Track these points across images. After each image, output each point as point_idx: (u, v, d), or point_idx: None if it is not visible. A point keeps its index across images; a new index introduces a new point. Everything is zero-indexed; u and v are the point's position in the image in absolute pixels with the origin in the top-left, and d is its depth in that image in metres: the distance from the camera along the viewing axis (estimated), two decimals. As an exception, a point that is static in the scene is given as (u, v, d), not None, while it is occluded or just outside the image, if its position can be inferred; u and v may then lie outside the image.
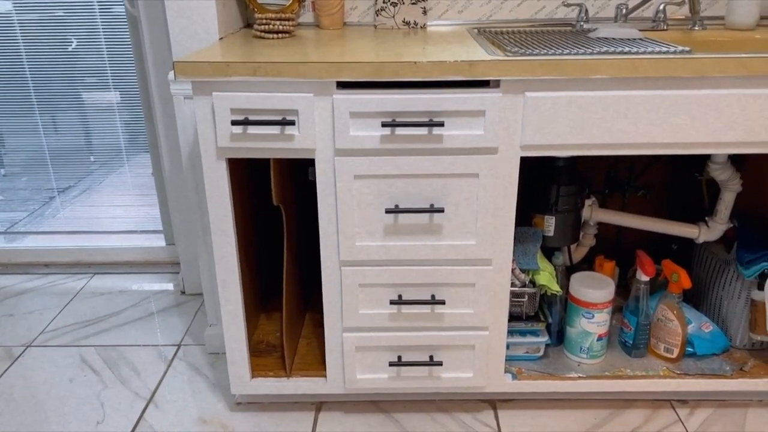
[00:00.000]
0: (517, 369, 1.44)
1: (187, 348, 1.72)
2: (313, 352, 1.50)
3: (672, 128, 1.16)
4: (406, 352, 1.36)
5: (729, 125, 1.16)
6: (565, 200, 1.44)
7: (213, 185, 1.22)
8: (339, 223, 1.24)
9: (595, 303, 1.41)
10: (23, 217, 2.36)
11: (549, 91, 1.14)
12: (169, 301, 1.98)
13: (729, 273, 1.50)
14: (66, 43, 2.02)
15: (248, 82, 1.14)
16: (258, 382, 1.41)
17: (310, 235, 1.57)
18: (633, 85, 1.14)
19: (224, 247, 1.28)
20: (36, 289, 2.07)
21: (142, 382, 1.58)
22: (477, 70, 1.11)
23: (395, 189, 1.21)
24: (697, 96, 1.14)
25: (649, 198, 1.76)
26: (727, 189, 1.48)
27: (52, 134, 2.19)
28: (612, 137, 1.17)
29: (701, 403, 1.47)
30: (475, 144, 1.17)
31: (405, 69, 1.11)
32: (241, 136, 1.17)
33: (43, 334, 1.81)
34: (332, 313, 1.33)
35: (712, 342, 1.48)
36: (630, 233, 1.76)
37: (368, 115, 1.15)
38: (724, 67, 1.11)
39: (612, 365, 1.46)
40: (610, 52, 1.15)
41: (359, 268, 1.28)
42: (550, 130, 1.16)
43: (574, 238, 1.51)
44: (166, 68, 1.77)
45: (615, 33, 1.35)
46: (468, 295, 1.30)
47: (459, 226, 1.24)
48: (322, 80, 1.13)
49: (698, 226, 1.54)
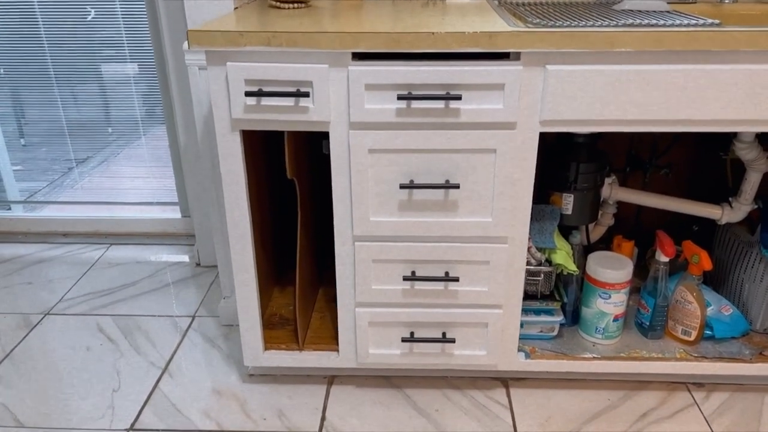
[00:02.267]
0: (530, 348, 1.42)
1: (202, 319, 1.74)
2: (326, 326, 1.50)
3: (699, 104, 1.12)
4: (418, 329, 1.35)
5: (759, 102, 1.11)
6: (584, 178, 1.41)
7: (227, 157, 1.21)
8: (353, 198, 1.22)
9: (613, 283, 1.39)
10: (42, 187, 2.38)
11: (571, 65, 1.10)
12: (184, 272, 2.00)
13: (752, 255, 1.47)
14: (84, 14, 2.01)
15: (262, 52, 1.12)
16: (271, 355, 1.41)
17: (324, 208, 1.56)
18: (659, 59, 1.09)
19: (238, 219, 1.27)
20: (54, 258, 2.10)
21: (158, 352, 1.60)
22: (497, 42, 1.08)
23: (410, 164, 1.19)
24: (726, 71, 1.09)
25: (671, 177, 1.72)
26: (753, 169, 1.43)
27: (70, 106, 2.19)
28: (635, 113, 1.13)
29: (718, 386, 1.45)
30: (493, 119, 1.14)
31: (422, 40, 1.08)
32: (255, 108, 1.15)
33: (61, 302, 1.83)
34: (345, 287, 1.32)
35: (731, 325, 1.45)
36: (650, 213, 1.72)
37: (384, 88, 1.12)
38: (755, 41, 1.06)
39: (627, 346, 1.44)
40: (635, 25, 1.11)
41: (373, 244, 1.27)
42: (571, 105, 1.13)
43: (592, 216, 1.48)
44: (181, 39, 1.76)
45: (641, 5, 1.31)
46: (482, 272, 1.28)
47: (475, 202, 1.22)
48: (337, 51, 1.10)
49: (721, 206, 1.50)
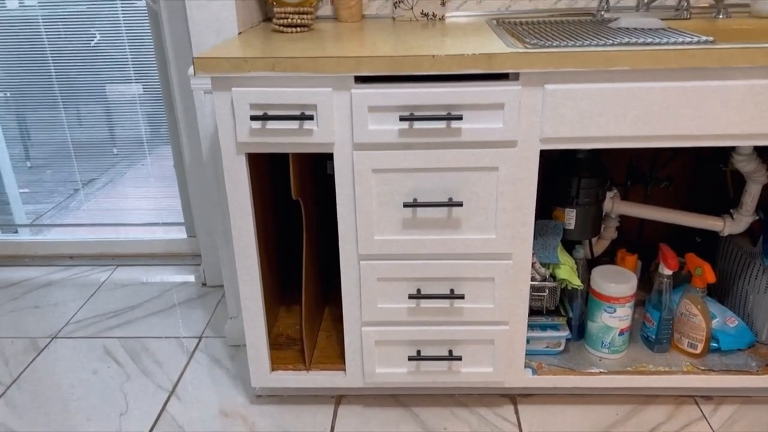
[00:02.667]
0: (537, 364, 1.43)
1: (208, 340, 1.75)
2: (332, 345, 1.50)
3: (696, 120, 1.14)
4: (425, 347, 1.36)
5: (754, 116, 1.13)
6: (586, 193, 1.42)
7: (233, 180, 1.23)
8: (357, 217, 1.24)
9: (617, 297, 1.40)
10: (48, 210, 2.40)
11: (569, 84, 1.12)
12: (191, 293, 2.01)
13: (755, 266, 1.47)
14: (89, 37, 2.05)
15: (267, 77, 1.14)
16: (278, 375, 1.42)
17: (330, 228, 1.57)
18: (655, 77, 1.11)
19: (244, 240, 1.29)
20: (61, 281, 2.11)
21: (165, 374, 1.61)
22: (496, 63, 1.10)
23: (414, 183, 1.21)
24: (721, 87, 1.11)
25: (673, 190, 1.73)
26: (752, 181, 1.45)
27: (76, 127, 2.22)
28: (633, 130, 1.15)
29: (726, 399, 1.45)
30: (494, 137, 1.16)
31: (423, 63, 1.10)
32: (260, 131, 1.17)
33: (68, 325, 1.84)
34: (351, 306, 1.33)
35: (737, 337, 1.45)
36: (653, 226, 1.73)
37: (386, 109, 1.14)
38: (749, 58, 1.08)
39: (634, 360, 1.44)
40: (631, 44, 1.13)
41: (378, 262, 1.28)
42: (570, 123, 1.15)
43: (595, 231, 1.49)
44: (186, 61, 1.79)
45: (637, 23, 1.33)
46: (487, 289, 1.29)
47: (478, 220, 1.23)
48: (341, 75, 1.12)
49: (723, 218, 1.51)
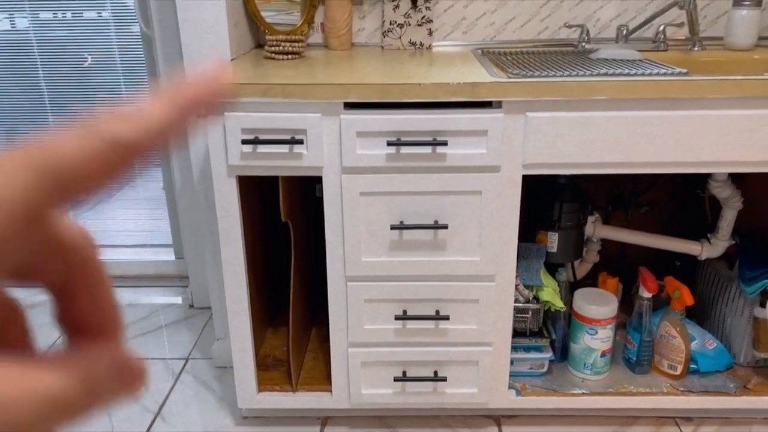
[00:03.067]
0: (521, 385, 1.45)
1: (195, 362, 1.75)
2: (319, 366, 1.52)
3: (671, 147, 1.18)
4: (410, 368, 1.38)
5: (726, 145, 1.18)
6: (567, 217, 1.46)
7: (223, 202, 1.26)
8: (345, 239, 1.27)
9: (599, 319, 1.43)
10: (36, 232, 2.40)
11: (550, 112, 1.17)
12: (178, 314, 2.01)
13: (732, 290, 1.51)
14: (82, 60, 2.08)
15: (259, 103, 1.18)
16: (264, 396, 1.43)
17: (318, 250, 1.60)
18: (632, 106, 1.16)
19: (233, 262, 1.31)
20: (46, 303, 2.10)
21: (150, 396, 1.60)
22: (479, 92, 1.14)
23: (400, 206, 1.24)
24: (694, 116, 1.16)
25: (653, 215, 1.78)
26: (728, 206, 1.50)
27: (65, 150, 2.24)
28: (611, 156, 1.19)
29: (705, 420, 1.48)
30: (478, 162, 1.19)
31: (410, 90, 1.14)
32: (251, 155, 1.20)
33: (53, 347, 1.84)
34: (338, 328, 1.35)
35: (715, 359, 1.48)
36: (634, 250, 1.77)
37: (374, 135, 1.18)
38: (720, 89, 1.13)
39: (616, 382, 1.47)
40: (609, 74, 1.18)
41: (365, 284, 1.30)
42: (551, 149, 1.19)
43: (577, 254, 1.53)
44: (178, 87, 1.82)
45: (615, 54, 1.38)
46: (472, 310, 1.32)
47: (463, 242, 1.26)
48: (330, 101, 1.16)
49: (701, 243, 1.55)
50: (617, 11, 1.63)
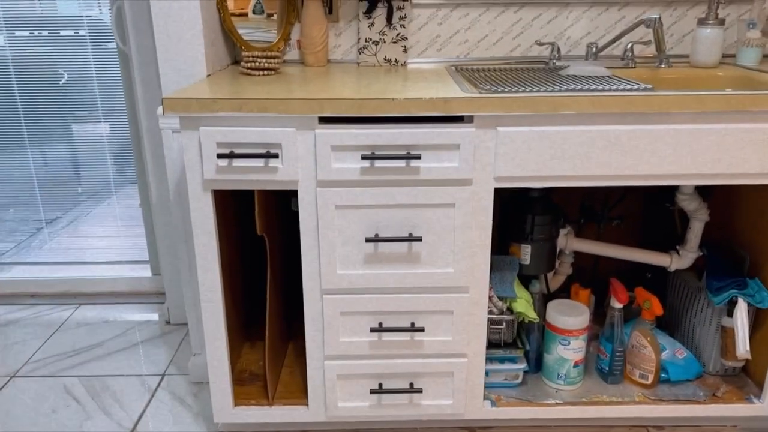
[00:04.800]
0: (496, 396, 1.46)
1: (171, 377, 1.73)
2: (295, 380, 1.51)
3: (636, 161, 1.22)
4: (386, 380, 1.38)
5: (692, 158, 1.22)
6: (540, 229, 1.49)
7: (199, 216, 1.26)
8: (321, 252, 1.28)
9: (571, 330, 1.45)
10: (10, 248, 2.37)
11: (520, 126, 1.20)
12: (154, 331, 1.99)
13: (700, 300, 1.55)
14: (58, 77, 2.07)
15: (234, 117, 1.19)
16: (240, 411, 1.42)
17: (294, 263, 1.60)
18: (599, 121, 1.20)
19: (209, 277, 1.31)
20: (22, 320, 2.07)
21: (125, 413, 1.58)
22: (451, 107, 1.17)
23: (375, 219, 1.25)
24: (658, 131, 1.20)
25: (624, 228, 1.82)
26: (695, 218, 1.54)
27: (41, 166, 2.22)
28: (580, 169, 1.22)
29: (677, 429, 1.50)
30: (451, 176, 1.22)
31: (384, 105, 1.17)
32: (226, 169, 1.21)
33: (28, 364, 1.81)
34: (314, 341, 1.35)
35: (685, 368, 1.51)
36: (607, 262, 1.81)
37: (349, 149, 1.20)
38: (683, 104, 1.18)
39: (589, 391, 1.49)
40: (577, 90, 1.21)
41: (340, 296, 1.31)
42: (522, 162, 1.22)
43: (550, 266, 1.56)
44: (155, 102, 1.83)
45: (584, 71, 1.43)
46: (446, 322, 1.33)
47: (436, 254, 1.28)
48: (305, 116, 1.18)
49: (670, 254, 1.59)
50: (587, 29, 1.68)
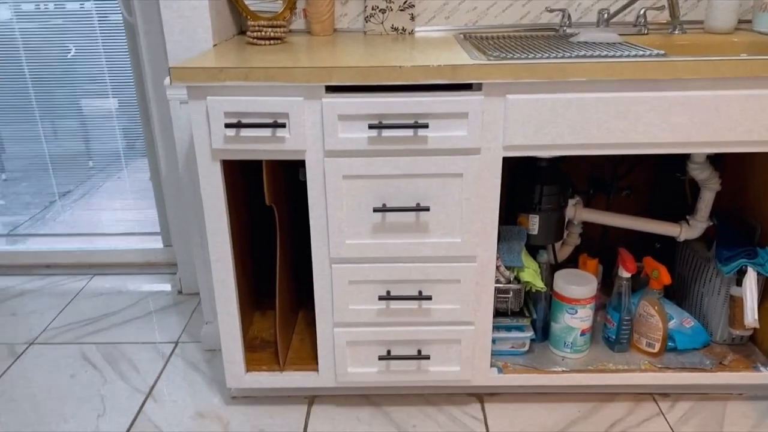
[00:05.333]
0: (503, 363, 1.48)
1: (185, 345, 1.77)
2: (305, 347, 1.54)
3: (647, 129, 1.21)
4: (395, 346, 1.40)
5: (702, 126, 1.21)
6: (548, 199, 1.49)
7: (208, 186, 1.27)
8: (329, 222, 1.28)
9: (578, 299, 1.46)
10: (25, 221, 2.41)
11: (529, 94, 1.19)
12: (167, 300, 2.03)
13: (709, 270, 1.55)
14: (65, 50, 2.07)
15: (241, 87, 1.19)
16: (252, 376, 1.45)
17: (303, 233, 1.62)
18: (609, 88, 1.18)
19: (219, 246, 1.32)
20: (38, 290, 2.11)
21: (141, 378, 1.62)
22: (459, 74, 1.16)
23: (383, 188, 1.26)
24: (671, 98, 1.19)
25: (633, 198, 1.81)
26: (706, 188, 1.53)
27: (52, 140, 2.24)
28: (590, 138, 1.22)
29: (682, 396, 1.51)
30: (459, 145, 1.22)
31: (391, 73, 1.16)
32: (234, 139, 1.22)
33: (45, 332, 1.85)
34: (323, 309, 1.37)
35: (692, 337, 1.52)
36: (615, 233, 1.81)
37: (356, 118, 1.20)
38: (697, 70, 1.16)
39: (595, 359, 1.50)
40: (587, 56, 1.20)
41: (349, 266, 1.32)
42: (531, 131, 1.21)
43: (558, 236, 1.56)
44: (162, 74, 1.83)
45: (595, 37, 1.40)
46: (454, 291, 1.35)
47: (444, 224, 1.28)
48: (312, 84, 1.18)
49: (680, 224, 1.58)
50: (598, -4, 1.65)
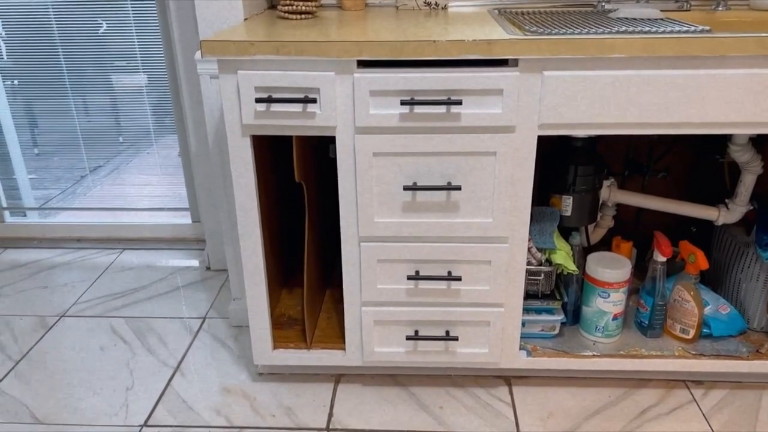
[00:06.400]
0: (532, 346, 1.46)
1: (212, 321, 1.79)
2: (332, 326, 1.54)
3: (691, 108, 1.16)
4: (422, 327, 1.39)
5: (749, 105, 1.16)
6: (582, 180, 1.45)
7: (238, 162, 1.27)
8: (358, 200, 1.27)
9: (611, 282, 1.43)
10: (56, 194, 2.44)
11: (566, 70, 1.15)
12: (195, 276, 2.05)
13: (748, 255, 1.50)
14: (97, 26, 2.08)
15: (272, 61, 1.17)
16: (279, 353, 1.46)
17: (332, 211, 1.61)
18: (651, 65, 1.14)
19: (248, 223, 1.32)
20: (69, 263, 2.15)
21: (169, 352, 1.65)
22: (495, 49, 1.13)
23: (413, 166, 1.24)
24: (716, 76, 1.14)
25: (670, 181, 1.76)
26: (747, 171, 1.47)
27: (83, 115, 2.26)
28: (628, 117, 1.18)
29: (716, 384, 1.48)
30: (493, 122, 1.19)
31: (424, 48, 1.13)
32: (264, 114, 1.20)
33: (76, 305, 1.89)
34: (351, 287, 1.37)
35: (729, 324, 1.48)
36: (650, 216, 1.76)
37: (387, 94, 1.18)
38: (743, 47, 1.11)
39: (627, 345, 1.47)
40: (627, 32, 1.15)
41: (378, 244, 1.31)
42: (567, 109, 1.17)
43: (591, 218, 1.52)
44: (192, 50, 1.82)
45: (635, 13, 1.35)
46: (484, 272, 1.33)
47: (476, 203, 1.26)
48: (343, 59, 1.16)
49: (718, 208, 1.54)
50: (639, -30, 1.58)
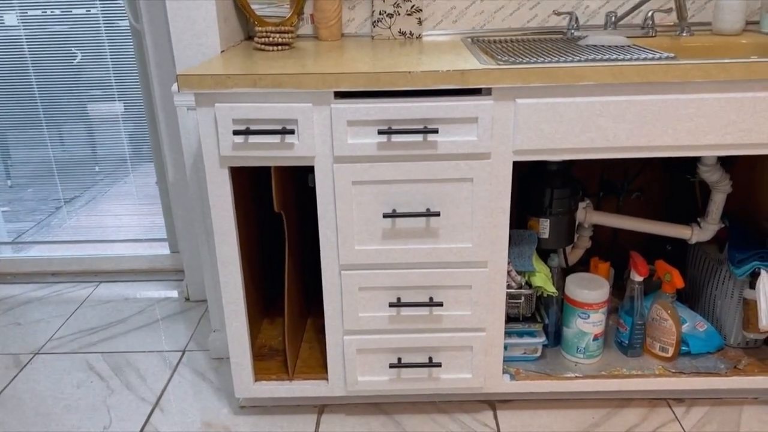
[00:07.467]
0: (515, 369, 1.47)
1: (192, 353, 1.76)
2: (315, 355, 1.53)
3: (658, 132, 1.20)
4: (405, 354, 1.39)
5: (713, 128, 1.19)
6: (559, 203, 1.47)
7: (216, 193, 1.26)
8: (338, 228, 1.27)
9: (590, 303, 1.44)
10: (30, 227, 2.40)
11: (538, 98, 1.18)
12: (174, 308, 2.02)
13: (722, 272, 1.53)
14: (71, 56, 2.07)
15: (249, 93, 1.18)
16: (261, 386, 1.44)
17: (312, 240, 1.60)
18: (619, 91, 1.17)
19: (227, 253, 1.31)
20: (43, 298, 2.11)
21: (148, 388, 1.61)
22: (469, 79, 1.15)
23: (392, 194, 1.25)
24: (681, 101, 1.17)
25: (644, 200, 1.79)
26: (717, 190, 1.51)
27: (58, 146, 2.23)
28: (599, 141, 1.20)
29: (697, 401, 1.50)
30: (469, 150, 1.20)
31: (399, 79, 1.15)
32: (242, 145, 1.21)
33: (51, 341, 1.84)
34: (333, 316, 1.36)
35: (706, 341, 1.50)
36: (626, 235, 1.79)
37: (365, 123, 1.19)
38: (706, 73, 1.15)
39: (608, 365, 1.48)
40: (596, 60, 1.19)
41: (359, 272, 1.31)
42: (540, 135, 1.20)
43: (569, 240, 1.54)
44: (169, 79, 1.82)
45: (603, 40, 1.39)
46: (465, 296, 1.33)
47: (455, 229, 1.27)
48: (320, 90, 1.17)
49: (691, 227, 1.57)
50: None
